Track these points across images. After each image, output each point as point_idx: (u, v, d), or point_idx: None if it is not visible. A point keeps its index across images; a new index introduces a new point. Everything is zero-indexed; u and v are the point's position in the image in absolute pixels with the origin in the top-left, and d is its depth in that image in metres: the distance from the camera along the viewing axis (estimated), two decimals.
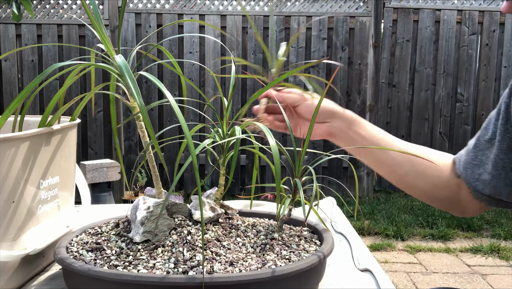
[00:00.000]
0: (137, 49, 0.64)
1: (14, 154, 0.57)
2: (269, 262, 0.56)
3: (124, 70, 0.54)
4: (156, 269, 0.53)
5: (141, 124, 0.63)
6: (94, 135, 4.14)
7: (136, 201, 0.64)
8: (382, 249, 3.02)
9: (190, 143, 0.49)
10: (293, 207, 0.72)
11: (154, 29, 4.06)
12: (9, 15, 4.05)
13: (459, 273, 2.66)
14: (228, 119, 0.69)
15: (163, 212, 0.61)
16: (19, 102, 0.58)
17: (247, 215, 0.76)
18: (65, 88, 0.62)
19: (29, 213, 0.61)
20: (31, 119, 0.78)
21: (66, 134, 0.70)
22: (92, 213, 0.84)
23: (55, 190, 0.68)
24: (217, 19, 4.11)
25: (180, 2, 4.14)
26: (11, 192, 0.57)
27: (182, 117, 0.51)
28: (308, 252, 0.61)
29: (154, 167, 0.64)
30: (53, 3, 4.07)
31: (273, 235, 0.65)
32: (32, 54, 4.08)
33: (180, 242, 0.59)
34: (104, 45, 0.60)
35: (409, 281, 2.55)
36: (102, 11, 4.01)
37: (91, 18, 0.60)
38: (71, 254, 0.59)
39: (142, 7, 4.14)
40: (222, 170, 0.70)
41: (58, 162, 0.68)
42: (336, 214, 0.99)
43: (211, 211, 0.66)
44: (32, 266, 0.65)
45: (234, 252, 0.59)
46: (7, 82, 4.10)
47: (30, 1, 2.93)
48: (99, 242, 0.62)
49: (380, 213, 3.63)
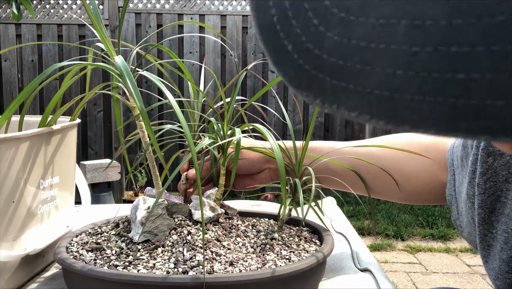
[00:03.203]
0: (137, 49, 0.64)
1: (14, 154, 0.57)
2: (269, 262, 0.56)
3: (124, 72, 0.54)
4: (156, 269, 0.54)
5: (141, 125, 0.63)
6: (94, 135, 4.14)
7: (136, 201, 0.64)
8: (382, 249, 3.02)
9: (190, 143, 0.49)
10: (293, 207, 0.72)
11: (154, 29, 4.06)
12: (9, 15, 4.06)
13: (459, 273, 2.66)
14: (228, 120, 0.69)
15: (163, 212, 0.61)
16: (19, 102, 0.58)
17: (247, 215, 0.76)
18: (65, 88, 0.62)
19: (29, 213, 0.61)
20: (31, 119, 0.78)
21: (66, 134, 0.70)
22: (92, 213, 0.84)
23: (55, 190, 0.68)
24: (217, 19, 4.11)
25: (180, 2, 4.14)
26: (11, 192, 0.57)
27: (182, 117, 0.51)
28: (308, 252, 0.61)
29: (154, 166, 0.64)
30: (53, 3, 4.07)
31: (273, 235, 0.65)
32: (32, 54, 4.08)
33: (180, 242, 0.59)
34: (104, 45, 0.60)
35: (409, 281, 2.55)
36: (102, 11, 4.02)
37: (91, 18, 0.60)
38: (71, 254, 0.59)
39: (142, 7, 4.14)
40: (223, 170, 0.70)
41: (58, 162, 0.68)
42: (336, 214, 0.99)
43: (211, 211, 0.66)
44: (32, 266, 0.65)
45: (234, 252, 0.59)
46: (7, 82, 4.10)
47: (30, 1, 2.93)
48: (99, 242, 0.62)
49: (380, 213, 3.63)
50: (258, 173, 0.77)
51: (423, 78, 0.16)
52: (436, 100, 0.16)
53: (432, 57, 0.15)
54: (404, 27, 0.16)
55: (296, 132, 4.01)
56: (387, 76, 0.16)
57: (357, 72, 0.17)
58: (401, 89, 0.16)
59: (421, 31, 0.16)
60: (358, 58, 0.17)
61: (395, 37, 0.16)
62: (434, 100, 0.16)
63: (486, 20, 0.15)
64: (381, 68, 0.16)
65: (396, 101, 0.16)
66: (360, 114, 0.17)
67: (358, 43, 0.17)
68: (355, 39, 0.17)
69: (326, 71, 0.18)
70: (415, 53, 0.16)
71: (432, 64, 0.16)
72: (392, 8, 0.16)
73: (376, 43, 0.16)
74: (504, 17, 0.14)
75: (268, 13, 0.19)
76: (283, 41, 0.19)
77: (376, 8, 0.16)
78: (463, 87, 0.15)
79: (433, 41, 0.15)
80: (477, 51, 0.15)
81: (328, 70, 0.18)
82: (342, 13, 0.17)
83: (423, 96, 0.16)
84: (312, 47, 0.18)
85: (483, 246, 0.57)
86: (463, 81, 0.15)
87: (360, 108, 0.17)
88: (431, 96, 0.16)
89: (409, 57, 0.16)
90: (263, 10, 0.19)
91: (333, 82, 0.18)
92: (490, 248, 0.56)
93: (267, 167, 0.76)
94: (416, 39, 0.16)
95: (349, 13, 0.17)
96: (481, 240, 0.57)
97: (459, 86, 0.15)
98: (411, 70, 0.16)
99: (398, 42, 0.16)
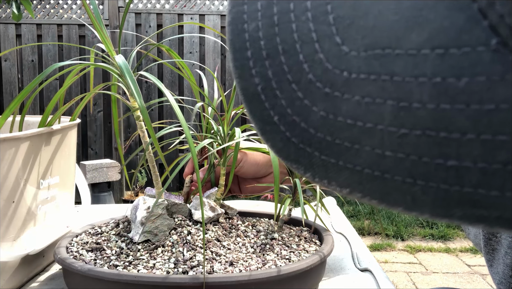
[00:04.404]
0: (137, 49, 0.64)
1: (14, 154, 0.57)
2: (269, 262, 0.56)
3: (125, 71, 0.54)
4: (156, 269, 0.53)
5: (141, 124, 0.63)
6: (94, 135, 4.14)
7: (136, 201, 0.64)
8: (382, 249, 3.02)
9: (190, 143, 0.49)
10: (293, 207, 0.72)
11: (154, 29, 4.06)
12: (9, 15, 4.05)
13: (459, 273, 2.66)
14: (229, 120, 0.69)
15: (163, 212, 0.61)
16: (19, 102, 0.58)
17: (247, 215, 0.76)
18: (65, 88, 0.62)
19: (29, 213, 0.61)
20: (31, 119, 0.78)
21: (66, 134, 0.70)
22: (92, 213, 0.84)
23: (55, 190, 0.68)
24: (217, 19, 4.11)
25: (180, 2, 4.14)
26: (11, 192, 0.57)
27: (182, 117, 0.51)
28: (308, 252, 0.61)
29: (154, 166, 0.64)
30: (53, 3, 4.07)
31: (273, 235, 0.65)
32: (32, 54, 4.08)
33: (180, 242, 0.59)
34: (104, 45, 0.60)
35: (409, 281, 2.55)
36: (102, 11, 4.01)
37: (92, 18, 0.60)
38: (71, 254, 0.59)
39: (142, 7, 4.13)
40: (223, 170, 0.70)
41: (58, 162, 0.68)
42: (336, 214, 0.98)
43: (211, 211, 0.66)
44: (32, 266, 0.65)
45: (234, 252, 0.59)
46: (7, 82, 4.10)
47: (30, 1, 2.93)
48: (99, 242, 0.62)
49: (380, 212, 3.63)
50: (265, 176, 0.76)
51: (413, 161, 0.15)
52: (428, 185, 0.15)
53: (421, 141, 0.15)
54: (391, 107, 0.15)
55: None
56: (377, 156, 0.16)
57: (346, 149, 0.16)
58: (391, 171, 0.16)
59: (408, 113, 0.15)
60: (346, 135, 0.16)
61: (382, 118, 0.16)
62: (426, 185, 0.15)
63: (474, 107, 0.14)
64: (370, 148, 0.16)
65: (388, 182, 0.16)
66: (352, 192, 0.17)
67: (345, 120, 0.16)
68: (341, 116, 0.16)
69: (314, 146, 0.17)
70: (403, 135, 0.15)
71: (421, 148, 0.15)
72: (377, 87, 0.16)
73: (363, 122, 0.16)
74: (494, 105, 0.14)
75: (252, 82, 0.19)
76: (268, 112, 0.18)
77: (361, 86, 0.16)
78: (455, 175, 0.15)
79: (422, 125, 0.15)
80: (468, 138, 0.14)
81: (316, 145, 0.17)
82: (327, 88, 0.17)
83: (414, 180, 0.15)
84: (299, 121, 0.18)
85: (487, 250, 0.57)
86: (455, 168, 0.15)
87: (352, 186, 0.17)
88: (423, 181, 0.15)
89: (397, 139, 0.15)
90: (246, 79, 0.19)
91: (322, 157, 0.17)
92: (495, 252, 0.56)
93: (273, 171, 0.76)
94: (403, 121, 0.15)
95: (333, 88, 0.17)
96: (486, 244, 0.56)
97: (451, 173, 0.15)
98: (401, 153, 0.15)
99: (385, 123, 0.16)
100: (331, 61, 0.17)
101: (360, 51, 0.16)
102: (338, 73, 0.17)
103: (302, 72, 0.17)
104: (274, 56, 0.18)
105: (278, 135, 0.18)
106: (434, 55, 0.14)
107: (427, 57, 0.15)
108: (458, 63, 0.14)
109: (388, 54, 0.15)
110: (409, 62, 0.15)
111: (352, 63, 0.16)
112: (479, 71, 0.14)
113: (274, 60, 0.18)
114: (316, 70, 0.17)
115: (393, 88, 0.15)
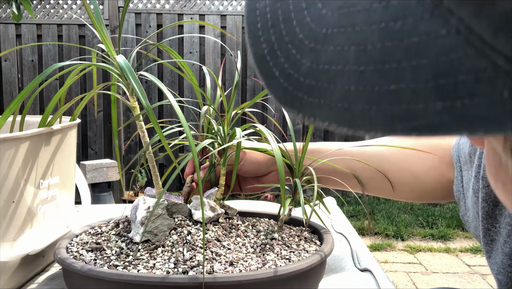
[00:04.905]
0: (137, 50, 0.64)
1: (14, 154, 0.57)
2: (269, 262, 0.56)
3: (127, 71, 0.54)
4: (156, 269, 0.53)
5: (141, 124, 0.63)
6: (94, 135, 4.14)
7: (136, 201, 0.64)
8: (382, 249, 3.02)
9: (191, 142, 0.49)
10: (293, 207, 0.72)
11: (154, 29, 4.06)
12: (9, 15, 4.05)
13: (459, 273, 2.66)
14: (229, 120, 0.69)
15: (163, 212, 0.61)
16: (19, 102, 0.58)
17: (247, 215, 0.76)
18: (65, 88, 0.62)
19: (29, 213, 0.61)
20: (31, 119, 0.78)
21: (66, 134, 0.70)
22: (92, 213, 0.84)
23: (55, 190, 0.68)
24: (217, 19, 4.11)
25: (180, 2, 4.14)
26: (11, 192, 0.57)
27: (182, 117, 0.51)
28: (308, 252, 0.61)
29: (154, 166, 0.64)
30: (53, 3, 4.07)
31: (273, 235, 0.65)
32: (32, 54, 4.08)
33: (180, 242, 0.59)
34: (104, 45, 0.60)
35: (409, 281, 2.55)
36: (102, 11, 4.01)
37: (92, 18, 0.60)
38: (71, 254, 0.59)
39: (142, 7, 4.14)
40: (223, 170, 0.70)
41: (58, 162, 0.68)
42: (336, 214, 0.99)
43: (211, 211, 0.66)
44: (32, 266, 0.65)
45: (234, 252, 0.59)
46: (7, 82, 4.10)
47: (30, 1, 2.93)
48: (99, 242, 0.62)
49: (380, 213, 3.63)
50: (265, 175, 0.77)
51: (369, 91, 0.19)
52: (379, 108, 0.19)
53: (373, 74, 0.19)
54: (354, 51, 0.20)
55: (296, 132, 4.01)
56: (345, 92, 0.20)
57: (324, 89, 0.21)
58: (355, 102, 0.20)
59: (364, 54, 0.20)
60: (324, 78, 0.21)
61: (348, 60, 0.20)
62: (377, 108, 0.19)
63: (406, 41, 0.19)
64: (341, 85, 0.20)
65: (353, 111, 0.20)
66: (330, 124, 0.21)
67: (324, 66, 0.21)
68: (321, 64, 0.21)
69: (303, 91, 0.22)
70: (362, 72, 0.20)
71: (373, 80, 0.19)
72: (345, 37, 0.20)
73: (336, 66, 0.21)
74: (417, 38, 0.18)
75: (261, 47, 0.24)
76: (272, 69, 0.23)
77: (334, 38, 0.21)
78: (395, 96, 0.19)
79: (373, 61, 0.19)
80: (402, 66, 0.18)
81: (305, 89, 0.22)
82: (312, 44, 0.22)
83: (370, 106, 0.19)
84: (293, 72, 0.22)
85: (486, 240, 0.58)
86: (395, 91, 0.19)
87: (329, 118, 0.21)
88: (375, 105, 0.19)
89: (358, 75, 0.20)
90: (257, 45, 0.24)
91: (309, 99, 0.22)
92: (493, 242, 0.57)
93: (273, 169, 0.76)
94: (362, 60, 0.20)
95: (316, 43, 0.22)
96: (485, 234, 0.58)
97: (393, 95, 0.19)
98: (360, 86, 0.20)
99: (350, 64, 0.20)
100: (314, 22, 0.22)
101: (334, 11, 0.21)
102: (319, 31, 0.22)
103: (295, 34, 0.23)
104: (276, 24, 0.24)
105: (279, 86, 0.23)
106: (381, 7, 0.19)
107: (376, 9, 0.20)
108: (396, 11, 0.19)
109: (352, 11, 0.20)
110: (365, 15, 0.20)
111: (329, 21, 0.21)
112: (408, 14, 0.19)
113: (276, 28, 0.23)
114: (305, 30, 0.22)
115: (355, 36, 0.20)
